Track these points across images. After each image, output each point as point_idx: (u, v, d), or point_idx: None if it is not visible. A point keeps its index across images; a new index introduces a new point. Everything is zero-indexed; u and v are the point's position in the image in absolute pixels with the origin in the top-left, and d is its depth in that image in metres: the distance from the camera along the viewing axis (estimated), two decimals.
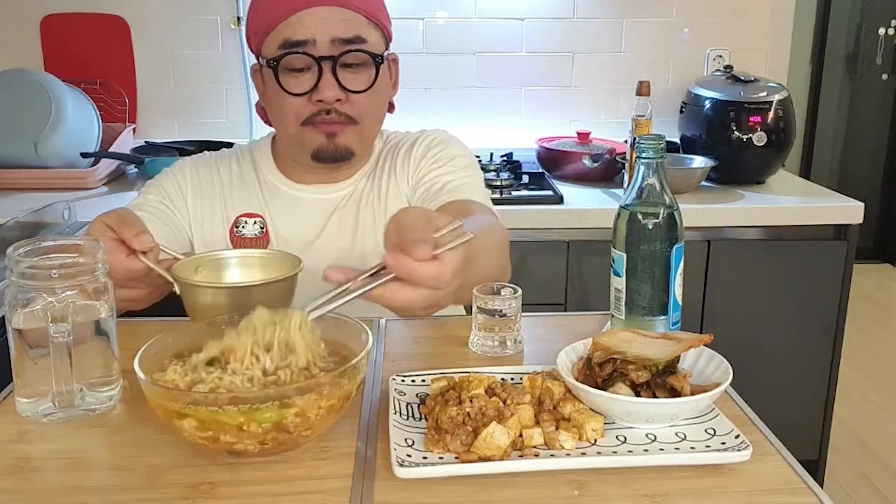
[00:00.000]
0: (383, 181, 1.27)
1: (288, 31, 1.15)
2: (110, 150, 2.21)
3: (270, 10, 1.16)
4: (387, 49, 1.23)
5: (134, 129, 2.42)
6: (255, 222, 1.25)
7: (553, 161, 2.25)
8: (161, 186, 1.27)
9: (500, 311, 0.98)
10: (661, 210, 0.95)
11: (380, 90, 1.20)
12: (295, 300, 1.21)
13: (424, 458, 0.74)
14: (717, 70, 2.43)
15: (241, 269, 1.04)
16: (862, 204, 2.04)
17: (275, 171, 1.28)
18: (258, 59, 1.22)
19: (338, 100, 1.16)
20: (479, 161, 1.67)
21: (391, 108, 1.29)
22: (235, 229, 1.25)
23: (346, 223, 1.25)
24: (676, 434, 0.78)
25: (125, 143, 2.30)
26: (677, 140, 2.35)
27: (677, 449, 0.76)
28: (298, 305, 0.81)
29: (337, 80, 1.15)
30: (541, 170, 2.27)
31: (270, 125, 1.28)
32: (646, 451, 0.75)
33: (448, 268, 0.77)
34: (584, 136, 2.34)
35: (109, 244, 0.90)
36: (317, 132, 1.18)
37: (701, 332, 0.86)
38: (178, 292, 0.95)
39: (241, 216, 1.26)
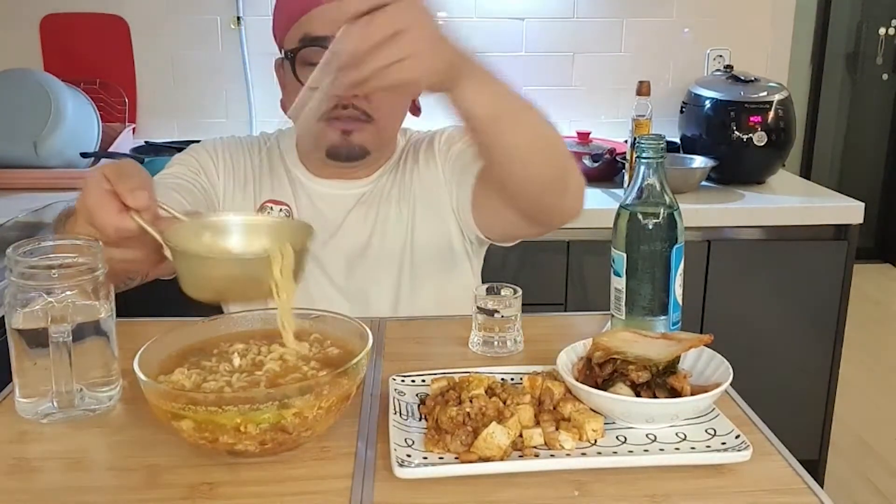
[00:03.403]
0: (406, 177, 1.26)
1: (308, 26, 1.15)
2: (110, 150, 2.21)
3: (294, 3, 1.16)
4: None
5: (133, 129, 2.42)
6: (280, 210, 1.25)
7: None
8: (195, 160, 1.26)
9: (500, 311, 0.98)
10: (662, 210, 0.95)
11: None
12: (306, 292, 1.21)
13: (424, 458, 0.74)
14: (718, 70, 2.43)
15: (247, 237, 0.91)
16: (862, 204, 2.04)
17: (298, 164, 1.28)
18: (281, 52, 1.22)
19: (354, 96, 1.15)
20: None
21: (417, 110, 1.29)
22: (261, 214, 1.25)
23: (366, 219, 1.25)
24: (677, 434, 0.78)
25: (125, 143, 2.30)
26: (677, 140, 2.35)
27: (677, 449, 0.76)
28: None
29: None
30: None
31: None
32: (646, 451, 0.75)
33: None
34: (584, 136, 2.34)
35: (102, 197, 0.82)
36: (332, 129, 1.18)
37: (701, 333, 0.86)
38: (170, 258, 0.84)
39: (268, 202, 1.26)
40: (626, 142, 2.14)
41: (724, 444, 0.76)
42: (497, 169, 1.00)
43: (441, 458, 0.74)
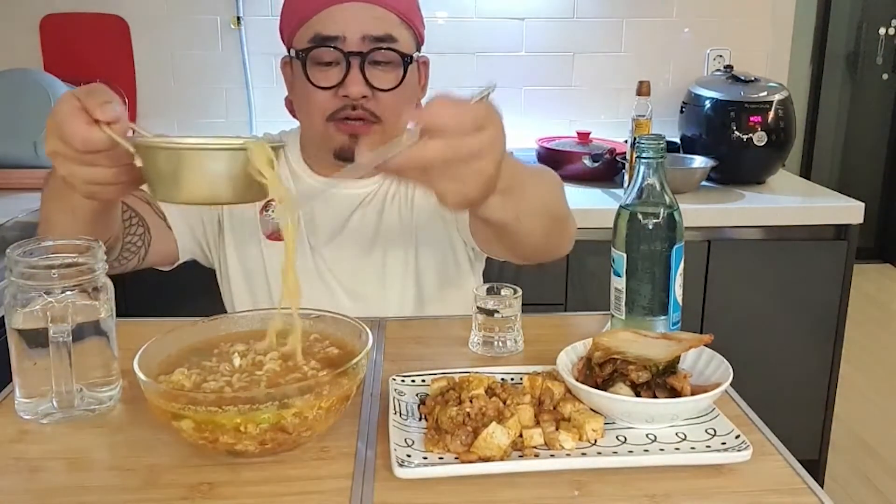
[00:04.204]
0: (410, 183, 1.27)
1: (319, 26, 1.15)
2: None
3: (304, 3, 1.16)
4: (418, 51, 1.22)
5: (133, 130, 2.42)
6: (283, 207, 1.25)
7: (553, 161, 2.25)
8: None
9: (500, 311, 0.98)
10: (662, 210, 0.95)
11: (407, 90, 1.19)
12: (312, 291, 1.21)
13: (424, 458, 0.74)
14: (718, 70, 2.44)
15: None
16: (862, 204, 2.04)
17: (301, 164, 1.28)
18: (289, 52, 1.22)
19: (364, 97, 1.15)
20: None
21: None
22: (265, 211, 1.25)
23: (369, 219, 1.25)
24: (677, 434, 0.78)
25: None
26: (677, 140, 2.35)
27: (677, 449, 0.76)
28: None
29: (364, 76, 1.14)
30: None
31: (297, 118, 1.28)
32: (646, 451, 0.75)
33: (468, 110, 0.71)
34: (584, 136, 2.34)
35: (72, 111, 0.79)
36: (340, 132, 1.18)
37: (701, 333, 0.86)
38: (139, 164, 0.79)
39: (271, 200, 1.26)
40: (626, 142, 2.14)
41: (724, 444, 0.76)
42: (502, 243, 1.03)
43: (441, 458, 0.74)
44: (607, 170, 2.16)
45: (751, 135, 2.12)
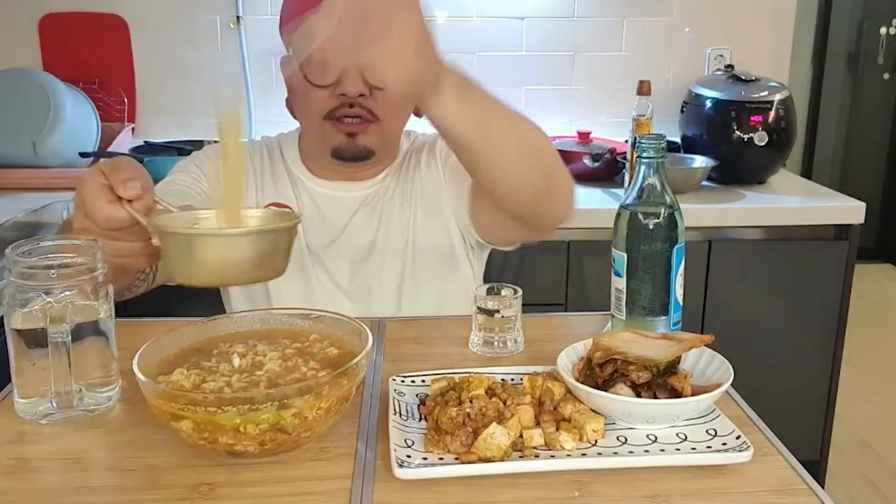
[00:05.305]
0: (408, 179, 1.26)
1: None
2: (109, 149, 2.21)
3: (301, 2, 1.17)
4: None
5: (133, 129, 2.42)
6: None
7: None
8: (197, 166, 1.26)
9: (501, 311, 0.98)
10: (662, 210, 0.94)
11: None
12: (310, 294, 1.22)
13: (424, 458, 0.74)
14: (718, 69, 2.43)
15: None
16: (863, 204, 2.03)
17: (300, 166, 1.28)
18: (287, 51, 1.22)
19: (361, 95, 1.15)
20: None
21: (420, 112, 1.29)
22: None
23: (370, 220, 1.25)
24: (677, 435, 0.78)
25: (124, 142, 2.30)
26: (678, 140, 2.35)
27: (678, 450, 0.75)
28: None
29: (361, 74, 1.14)
30: None
31: (296, 118, 1.28)
32: (646, 451, 0.75)
33: None
34: (584, 136, 2.34)
35: (96, 188, 0.82)
36: (337, 131, 1.18)
37: (702, 333, 0.86)
38: (156, 244, 0.83)
39: (271, 205, 1.26)
40: (626, 141, 2.13)
41: (724, 444, 0.76)
42: (481, 179, 1.00)
43: (441, 458, 0.74)
44: (608, 170, 2.16)
45: (752, 134, 2.12)
